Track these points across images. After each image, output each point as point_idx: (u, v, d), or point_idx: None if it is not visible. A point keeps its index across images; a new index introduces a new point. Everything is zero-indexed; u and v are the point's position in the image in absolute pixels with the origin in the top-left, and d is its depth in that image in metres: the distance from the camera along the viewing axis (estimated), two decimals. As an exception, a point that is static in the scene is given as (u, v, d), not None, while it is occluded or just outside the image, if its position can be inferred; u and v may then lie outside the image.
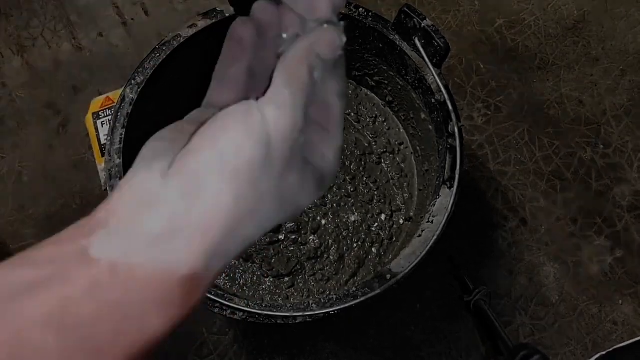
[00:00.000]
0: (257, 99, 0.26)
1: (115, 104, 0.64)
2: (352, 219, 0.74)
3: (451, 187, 0.61)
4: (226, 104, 0.29)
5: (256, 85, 0.30)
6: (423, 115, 0.71)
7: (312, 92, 0.26)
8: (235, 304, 0.55)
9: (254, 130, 0.23)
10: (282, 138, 0.24)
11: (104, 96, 0.80)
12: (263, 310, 0.55)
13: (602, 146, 0.87)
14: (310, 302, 0.55)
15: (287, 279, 0.72)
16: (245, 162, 0.23)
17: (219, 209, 0.22)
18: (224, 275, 0.72)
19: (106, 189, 0.60)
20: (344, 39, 0.27)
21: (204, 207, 0.22)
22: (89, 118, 0.78)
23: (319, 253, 0.73)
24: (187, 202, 0.22)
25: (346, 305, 0.55)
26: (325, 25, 0.28)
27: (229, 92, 0.30)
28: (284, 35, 0.29)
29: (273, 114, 0.24)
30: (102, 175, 0.76)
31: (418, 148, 0.77)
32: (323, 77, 0.27)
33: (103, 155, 0.75)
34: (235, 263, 0.73)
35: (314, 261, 0.73)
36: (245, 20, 0.30)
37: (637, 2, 0.97)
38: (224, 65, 0.30)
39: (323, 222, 0.74)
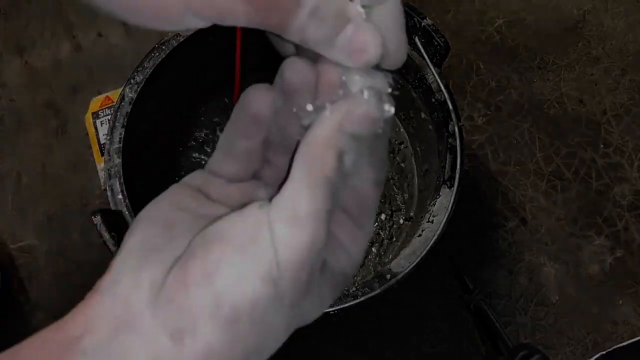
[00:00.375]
0: (276, 190, 0.21)
1: (114, 104, 0.64)
2: (352, 218, 0.74)
3: (451, 186, 0.61)
4: (231, 176, 0.25)
5: (272, 157, 0.25)
6: (423, 115, 0.71)
7: (342, 183, 0.21)
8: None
9: (259, 264, 0.19)
10: (296, 267, 0.19)
11: (104, 95, 0.80)
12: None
13: (602, 146, 0.87)
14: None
15: (286, 278, 0.72)
16: (247, 305, 0.19)
17: (210, 357, 0.19)
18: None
19: (105, 189, 0.60)
20: (391, 110, 0.21)
21: (193, 355, 0.19)
22: (88, 118, 0.78)
23: (319, 253, 0.73)
24: (174, 344, 0.19)
25: (346, 305, 0.55)
26: (365, 92, 0.21)
27: (237, 166, 0.25)
28: (309, 107, 0.22)
29: (286, 235, 0.19)
30: (102, 175, 0.76)
31: (418, 148, 0.77)
32: (357, 161, 0.21)
33: (102, 154, 0.75)
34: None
35: (313, 261, 0.72)
36: (263, 89, 0.24)
37: (637, 1, 0.97)
38: (232, 137, 0.25)
39: (323, 221, 0.74)
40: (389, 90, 0.22)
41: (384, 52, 0.21)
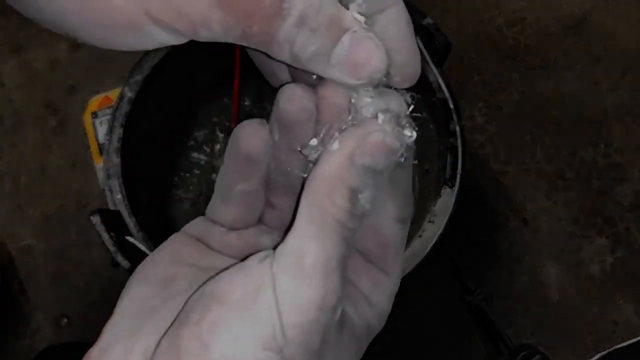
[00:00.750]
0: (285, 233, 0.19)
1: (113, 104, 0.63)
2: (352, 218, 0.74)
3: (452, 187, 0.60)
4: (232, 223, 0.23)
5: (274, 199, 0.22)
6: (424, 114, 0.70)
7: (358, 225, 0.18)
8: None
9: (260, 329, 0.17)
10: (305, 330, 0.17)
11: (102, 95, 0.80)
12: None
13: (603, 145, 0.87)
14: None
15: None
16: None
17: None
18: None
19: (104, 189, 0.60)
20: (413, 135, 0.19)
21: None
22: (87, 117, 0.77)
23: (319, 253, 0.72)
24: None
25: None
26: (380, 115, 0.18)
27: (236, 211, 0.22)
28: (313, 141, 0.19)
29: (291, 292, 0.17)
30: (100, 175, 0.76)
31: (419, 147, 0.76)
32: (376, 197, 0.18)
33: (101, 154, 0.74)
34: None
35: (313, 261, 0.72)
36: (255, 124, 0.21)
37: (638, 1, 0.96)
38: (227, 180, 0.22)
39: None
40: (408, 111, 0.19)
41: (391, 65, 0.19)
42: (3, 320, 0.80)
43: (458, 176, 0.60)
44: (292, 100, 0.19)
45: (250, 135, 0.21)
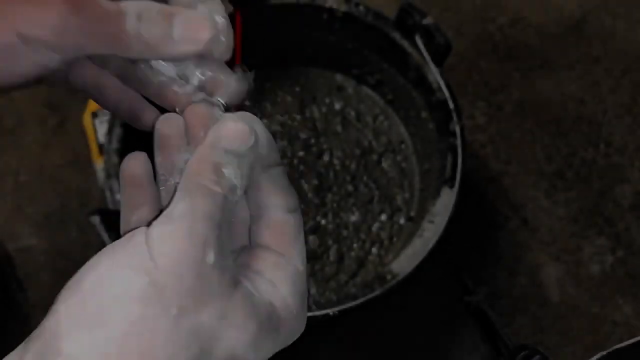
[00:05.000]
0: None
1: (113, 103, 0.64)
2: (352, 219, 0.74)
3: (452, 186, 0.60)
4: None
5: None
6: (424, 114, 0.70)
7: (227, 194, 0.21)
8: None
9: (130, 257, 0.19)
10: (174, 260, 0.18)
11: (103, 95, 0.79)
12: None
13: (603, 146, 0.87)
14: (310, 303, 0.55)
15: (286, 279, 0.72)
16: (118, 299, 0.18)
17: None
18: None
19: (104, 189, 0.60)
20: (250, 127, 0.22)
21: None
22: (87, 117, 0.77)
23: (319, 253, 0.72)
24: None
25: (346, 306, 0.55)
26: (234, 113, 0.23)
27: None
28: (184, 157, 0.24)
29: (159, 231, 0.19)
30: (100, 175, 0.76)
31: (419, 147, 0.77)
32: (255, 181, 0.22)
33: (101, 154, 0.74)
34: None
35: (313, 261, 0.72)
36: (134, 153, 0.24)
37: (638, 1, 0.97)
38: (124, 213, 0.24)
39: (323, 222, 0.74)
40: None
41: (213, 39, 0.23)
42: (2, 320, 0.80)
43: (458, 176, 0.61)
44: (166, 120, 0.24)
45: (131, 160, 0.24)
